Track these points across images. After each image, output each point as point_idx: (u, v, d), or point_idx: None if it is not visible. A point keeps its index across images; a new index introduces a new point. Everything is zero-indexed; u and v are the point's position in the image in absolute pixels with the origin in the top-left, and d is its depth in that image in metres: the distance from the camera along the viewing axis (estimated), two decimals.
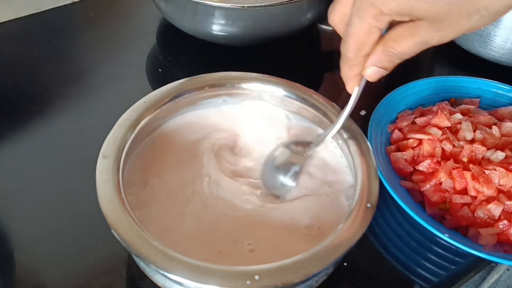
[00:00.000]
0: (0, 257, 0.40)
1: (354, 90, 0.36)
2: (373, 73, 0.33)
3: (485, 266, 0.43)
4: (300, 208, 0.39)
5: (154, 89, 0.42)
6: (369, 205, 0.34)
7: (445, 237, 0.40)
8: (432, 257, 0.42)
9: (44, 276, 0.39)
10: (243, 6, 0.54)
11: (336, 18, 0.34)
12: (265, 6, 0.54)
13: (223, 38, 0.58)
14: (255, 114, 0.45)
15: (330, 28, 0.71)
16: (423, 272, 0.41)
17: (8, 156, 0.48)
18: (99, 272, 0.39)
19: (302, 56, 0.65)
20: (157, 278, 0.35)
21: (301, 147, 0.40)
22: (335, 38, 0.76)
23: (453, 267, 0.42)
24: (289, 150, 0.41)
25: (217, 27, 0.56)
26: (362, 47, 0.32)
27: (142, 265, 0.37)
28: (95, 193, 0.33)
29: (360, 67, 0.34)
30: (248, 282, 0.29)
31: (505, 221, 0.41)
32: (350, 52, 0.33)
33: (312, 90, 0.44)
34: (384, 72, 0.33)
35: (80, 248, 0.40)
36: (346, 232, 0.33)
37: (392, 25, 0.31)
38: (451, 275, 0.42)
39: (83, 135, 0.50)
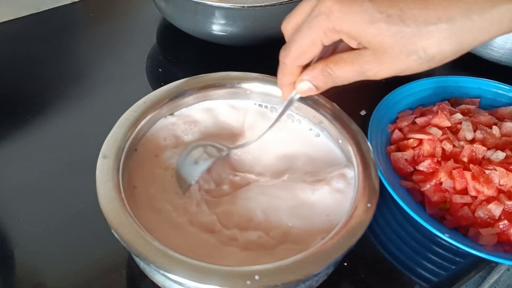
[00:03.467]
0: (0, 257, 0.40)
1: (289, 97, 0.36)
2: (304, 88, 0.34)
3: (485, 266, 0.43)
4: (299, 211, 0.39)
5: (154, 89, 0.42)
6: (369, 205, 0.34)
7: (445, 237, 0.40)
8: (432, 257, 0.42)
9: (44, 276, 0.39)
10: (243, 6, 0.54)
11: (289, 26, 0.34)
12: (265, 6, 0.54)
13: (223, 38, 0.58)
14: (255, 114, 0.45)
15: None
16: (423, 272, 0.41)
17: (8, 156, 0.48)
18: (99, 272, 0.39)
19: None
20: (157, 278, 0.35)
21: (216, 150, 0.40)
22: None
23: (453, 267, 0.42)
24: (203, 149, 0.40)
25: (217, 27, 0.56)
26: (300, 57, 0.33)
27: (142, 265, 0.37)
28: (95, 193, 0.33)
29: (294, 77, 0.34)
30: (248, 282, 0.29)
31: (505, 221, 0.41)
32: (287, 58, 0.33)
33: None
34: (315, 91, 0.34)
35: (80, 248, 0.40)
36: (346, 232, 0.32)
37: (335, 51, 0.32)
38: (451, 275, 0.42)
39: (83, 135, 0.50)
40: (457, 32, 0.28)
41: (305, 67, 0.34)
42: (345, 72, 0.31)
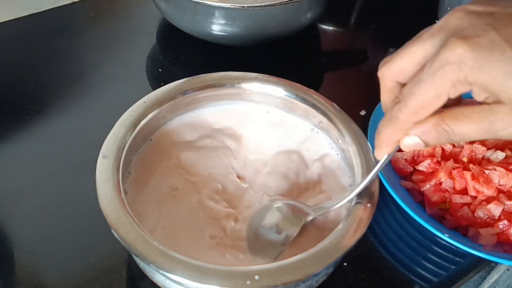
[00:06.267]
0: (0, 257, 0.40)
1: (383, 157, 0.32)
2: (411, 143, 0.29)
3: (485, 266, 0.43)
4: None
5: (154, 89, 0.42)
6: (369, 205, 0.34)
7: (445, 237, 0.40)
8: (432, 257, 0.42)
9: (44, 276, 0.39)
10: (243, 6, 0.54)
11: (390, 72, 0.30)
12: (265, 6, 0.54)
13: (223, 38, 0.58)
14: (255, 114, 0.45)
15: (330, 28, 0.72)
16: (423, 272, 0.41)
17: (8, 156, 0.48)
18: (99, 272, 0.39)
19: (302, 56, 0.65)
20: (157, 278, 0.35)
21: (295, 215, 0.37)
22: (335, 38, 0.76)
23: (453, 267, 0.42)
24: (281, 214, 0.37)
25: (217, 27, 0.56)
26: (419, 112, 0.28)
27: (142, 265, 0.37)
28: (95, 193, 0.33)
29: (403, 134, 0.29)
30: (248, 282, 0.29)
31: (505, 221, 0.41)
32: (402, 113, 0.28)
33: (312, 90, 0.44)
34: (422, 147, 0.29)
35: (80, 248, 0.40)
36: (346, 232, 0.33)
37: (448, 105, 0.28)
38: (451, 275, 0.42)
39: (83, 135, 0.50)
40: None
41: None
42: (467, 129, 0.27)
